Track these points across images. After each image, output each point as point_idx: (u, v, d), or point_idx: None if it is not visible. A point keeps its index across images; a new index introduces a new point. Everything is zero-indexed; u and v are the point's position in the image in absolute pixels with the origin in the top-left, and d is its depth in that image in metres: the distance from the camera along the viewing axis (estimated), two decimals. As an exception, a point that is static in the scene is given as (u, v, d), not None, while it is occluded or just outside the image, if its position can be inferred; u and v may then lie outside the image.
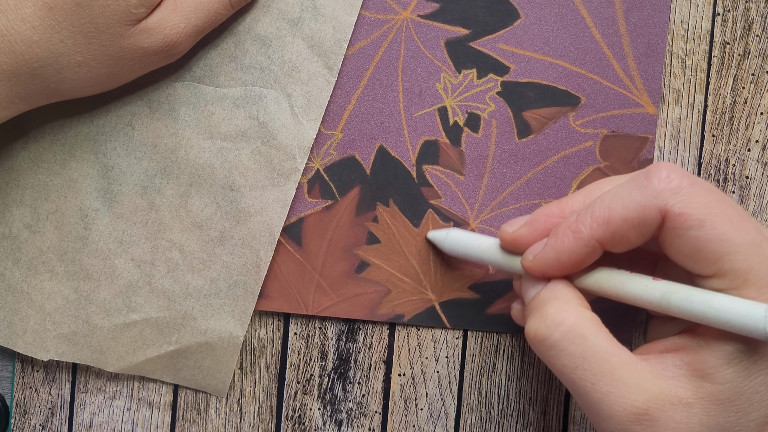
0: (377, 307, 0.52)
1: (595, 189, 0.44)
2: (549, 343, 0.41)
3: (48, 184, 0.51)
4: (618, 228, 0.40)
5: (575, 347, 0.40)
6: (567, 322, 0.40)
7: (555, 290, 0.43)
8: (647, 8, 0.51)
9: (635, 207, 0.39)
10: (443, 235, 0.50)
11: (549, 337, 0.41)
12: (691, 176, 0.39)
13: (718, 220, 0.38)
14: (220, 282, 0.51)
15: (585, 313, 0.41)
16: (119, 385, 0.53)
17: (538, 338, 0.41)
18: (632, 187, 0.40)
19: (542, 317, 0.41)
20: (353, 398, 0.53)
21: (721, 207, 0.39)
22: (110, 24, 0.44)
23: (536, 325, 0.42)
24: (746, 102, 0.52)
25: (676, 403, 0.39)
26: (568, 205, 0.44)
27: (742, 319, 0.37)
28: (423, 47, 0.51)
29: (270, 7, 0.51)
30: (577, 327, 0.40)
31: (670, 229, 0.39)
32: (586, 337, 0.40)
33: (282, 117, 0.51)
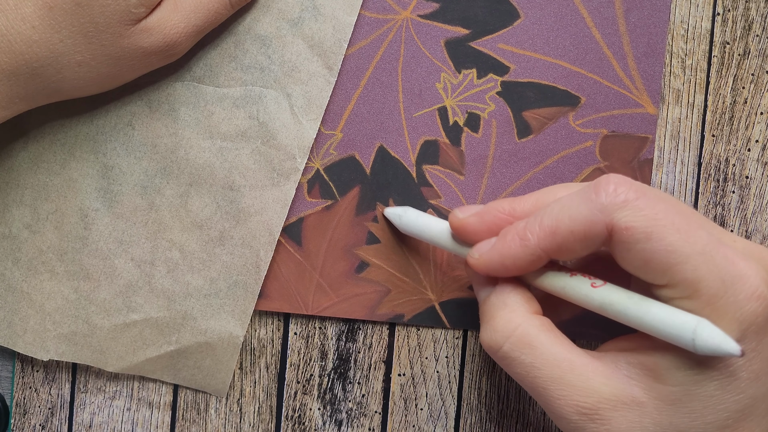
0: (377, 307, 0.52)
1: (548, 193, 0.44)
2: (500, 354, 0.42)
3: (48, 184, 0.51)
4: (564, 240, 0.40)
5: (525, 357, 0.41)
6: (516, 333, 0.41)
7: (503, 296, 0.44)
8: (647, 8, 0.51)
9: (582, 221, 0.39)
10: (399, 213, 0.50)
11: (500, 349, 0.42)
12: (639, 188, 0.39)
13: (665, 231, 0.38)
14: (220, 282, 0.51)
15: (533, 320, 0.42)
16: (119, 385, 0.53)
17: (490, 349, 0.42)
18: (580, 200, 0.40)
19: (492, 329, 0.42)
20: (353, 398, 0.53)
21: (669, 217, 0.38)
22: (110, 24, 0.44)
23: (488, 336, 0.43)
24: (746, 102, 0.52)
25: (628, 402, 0.39)
26: (519, 205, 0.44)
27: (673, 330, 0.37)
28: (423, 47, 0.51)
29: (270, 7, 0.51)
30: (525, 336, 0.41)
31: (617, 242, 0.39)
32: (533, 345, 0.41)
33: (282, 117, 0.51)
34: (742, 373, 0.38)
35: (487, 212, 0.45)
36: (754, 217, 0.53)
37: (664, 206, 0.39)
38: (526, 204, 0.44)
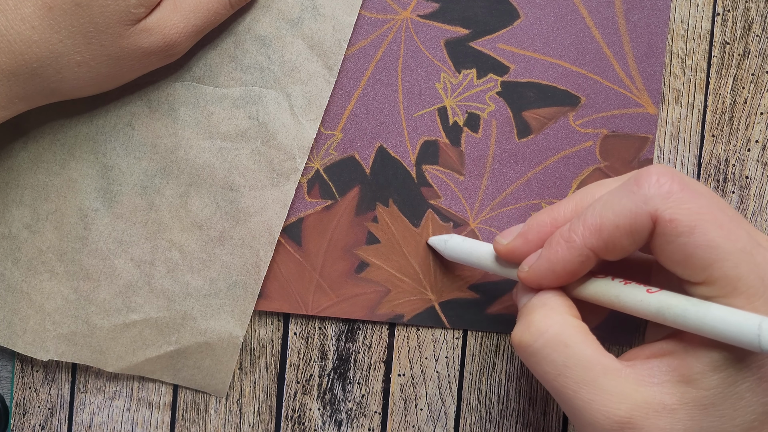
0: (377, 307, 0.52)
1: (586, 194, 0.44)
2: (532, 350, 0.41)
3: (47, 184, 0.51)
4: (610, 236, 0.40)
5: (557, 355, 0.40)
6: (551, 330, 0.41)
7: (544, 298, 0.43)
8: (647, 8, 0.51)
9: (626, 214, 0.39)
10: (444, 239, 0.50)
11: (532, 344, 0.41)
12: (682, 179, 0.39)
13: (708, 226, 0.38)
14: (219, 282, 0.51)
15: (570, 320, 0.41)
16: (119, 385, 0.53)
17: (521, 345, 0.42)
18: (623, 194, 0.40)
19: (527, 324, 0.42)
20: (353, 398, 0.53)
21: (712, 212, 0.38)
22: (109, 24, 0.44)
23: (521, 332, 0.42)
24: (746, 102, 0.52)
25: (660, 410, 0.38)
26: (560, 213, 0.44)
27: (737, 331, 0.36)
28: (423, 47, 0.51)
29: (270, 7, 0.51)
30: (561, 335, 0.40)
31: (660, 235, 0.39)
32: (568, 345, 0.40)
33: (282, 117, 0.51)
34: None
35: (529, 230, 0.44)
36: (754, 217, 0.53)
37: (706, 201, 0.38)
38: (567, 209, 0.44)
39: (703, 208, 0.38)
